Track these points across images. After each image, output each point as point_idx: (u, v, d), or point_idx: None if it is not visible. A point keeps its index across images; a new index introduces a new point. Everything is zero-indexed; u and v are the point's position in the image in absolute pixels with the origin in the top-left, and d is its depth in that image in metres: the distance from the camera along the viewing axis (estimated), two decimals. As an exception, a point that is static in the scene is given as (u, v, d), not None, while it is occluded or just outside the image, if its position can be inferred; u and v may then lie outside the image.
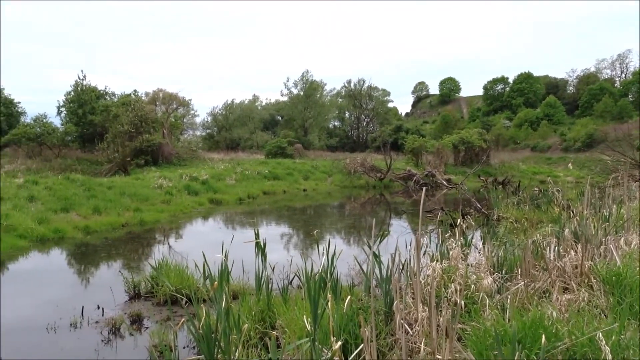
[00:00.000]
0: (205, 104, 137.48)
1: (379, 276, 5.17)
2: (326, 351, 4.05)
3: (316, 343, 4.16)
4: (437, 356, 3.60)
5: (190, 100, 60.45)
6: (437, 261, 5.15)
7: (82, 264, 10.70)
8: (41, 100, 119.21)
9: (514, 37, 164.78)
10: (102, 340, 6.01)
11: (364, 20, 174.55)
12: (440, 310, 4.41)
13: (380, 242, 4.91)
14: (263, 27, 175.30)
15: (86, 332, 6.30)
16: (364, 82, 74.14)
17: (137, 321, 6.60)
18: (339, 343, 3.39)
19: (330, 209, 21.84)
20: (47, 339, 6.05)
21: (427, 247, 7.08)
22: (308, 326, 4.00)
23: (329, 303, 4.28)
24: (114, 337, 6.13)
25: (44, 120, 39.44)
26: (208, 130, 69.48)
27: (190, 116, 59.99)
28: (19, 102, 47.61)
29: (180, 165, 33.58)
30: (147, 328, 6.41)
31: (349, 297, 4.50)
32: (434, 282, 3.88)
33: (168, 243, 13.11)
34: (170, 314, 6.59)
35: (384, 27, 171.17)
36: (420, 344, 3.84)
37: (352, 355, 3.67)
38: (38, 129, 37.65)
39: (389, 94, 78.26)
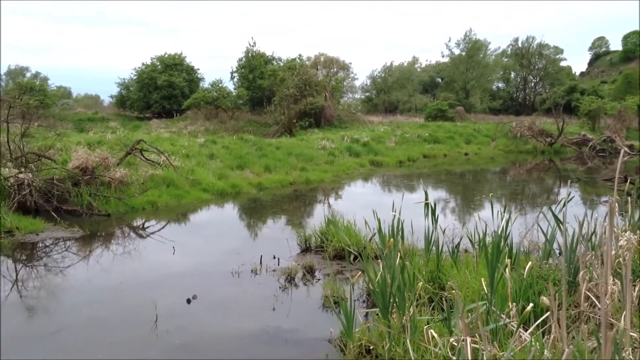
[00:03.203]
0: (364, 67, 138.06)
1: (560, 244, 4.88)
2: (503, 316, 3.95)
3: (492, 307, 4.08)
4: (632, 334, 3.33)
5: (350, 63, 61.24)
6: (629, 232, 4.69)
7: (256, 217, 11.59)
8: (217, 67, 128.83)
9: None
10: (279, 287, 6.50)
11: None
12: (634, 285, 4.04)
13: (564, 206, 4.59)
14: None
15: (265, 278, 6.85)
16: (533, 39, 68.67)
17: (309, 272, 7.00)
18: (530, 305, 3.27)
19: (492, 175, 20.94)
20: (233, 283, 6.70)
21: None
22: (485, 289, 3.92)
23: (507, 268, 4.15)
24: (289, 285, 6.60)
25: (220, 85, 42.79)
26: (367, 94, 69.89)
27: (349, 79, 60.80)
28: (199, 69, 52.15)
29: (341, 127, 34.42)
30: (318, 280, 6.79)
31: (529, 263, 4.32)
32: (630, 253, 3.55)
33: (332, 202, 13.64)
34: (348, 267, 6.92)
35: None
36: (612, 318, 3.57)
37: (537, 322, 3.52)
38: (215, 93, 40.99)
39: (561, 51, 71.58)
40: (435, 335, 3.31)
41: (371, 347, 4.29)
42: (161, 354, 4.68)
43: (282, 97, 35.94)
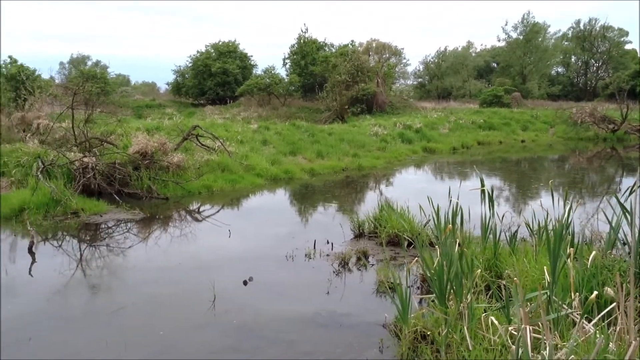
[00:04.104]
0: (417, 52, 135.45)
1: (625, 234, 4.70)
2: (565, 306, 3.85)
3: (553, 296, 3.99)
4: None
5: (402, 49, 60.38)
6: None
7: (309, 202, 11.68)
8: (270, 53, 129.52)
9: None
10: (333, 272, 6.54)
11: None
12: None
13: (631, 194, 4.41)
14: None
15: (319, 263, 6.91)
16: (596, 21, 65.46)
17: (362, 258, 7.01)
18: (595, 293, 3.18)
19: (550, 162, 20.28)
20: (288, 266, 6.80)
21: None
22: (548, 277, 3.82)
23: (570, 257, 4.04)
24: (343, 270, 6.63)
25: (272, 72, 43.11)
26: (419, 79, 68.86)
27: (402, 65, 60.06)
28: (252, 56, 52.65)
29: (393, 113, 34.09)
30: (372, 265, 6.80)
31: (593, 252, 4.19)
32: None
33: (384, 188, 13.57)
34: (402, 253, 6.89)
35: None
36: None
37: (601, 314, 3.42)
38: (267, 80, 41.34)
39: (626, 33, 67.79)
40: (497, 322, 3.25)
41: (427, 333, 4.28)
42: (220, 332, 4.81)
43: (334, 83, 35.85)
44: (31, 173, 10.52)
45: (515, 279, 3.58)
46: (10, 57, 26.82)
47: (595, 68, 67.17)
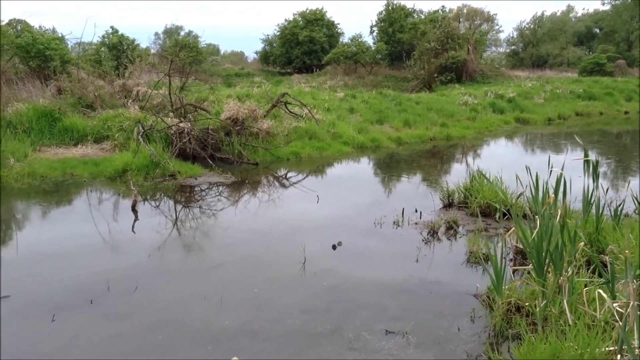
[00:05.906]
0: (511, 18, 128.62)
1: None
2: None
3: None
4: None
5: (495, 14, 57.56)
6: None
7: (396, 171, 11.57)
8: (357, 21, 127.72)
9: None
10: (422, 240, 6.48)
11: None
12: None
13: None
14: None
15: (407, 230, 6.87)
16: None
17: (452, 228, 6.88)
18: None
19: (657, 136, 18.77)
20: (376, 233, 6.81)
21: None
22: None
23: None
24: (432, 239, 6.56)
25: (359, 40, 42.57)
26: (512, 47, 65.51)
27: (494, 32, 57.21)
28: (339, 24, 52.20)
29: (484, 82, 32.81)
30: (462, 235, 6.66)
31: None
32: None
33: (474, 159, 13.18)
34: (499, 224, 6.71)
35: None
36: None
37: None
38: (354, 48, 40.90)
39: None
40: (605, 295, 3.09)
41: (522, 306, 4.15)
42: (311, 293, 4.93)
43: (422, 51, 34.87)
44: (132, 137, 11.15)
45: (626, 252, 3.37)
46: (112, 27, 28.25)
47: None
